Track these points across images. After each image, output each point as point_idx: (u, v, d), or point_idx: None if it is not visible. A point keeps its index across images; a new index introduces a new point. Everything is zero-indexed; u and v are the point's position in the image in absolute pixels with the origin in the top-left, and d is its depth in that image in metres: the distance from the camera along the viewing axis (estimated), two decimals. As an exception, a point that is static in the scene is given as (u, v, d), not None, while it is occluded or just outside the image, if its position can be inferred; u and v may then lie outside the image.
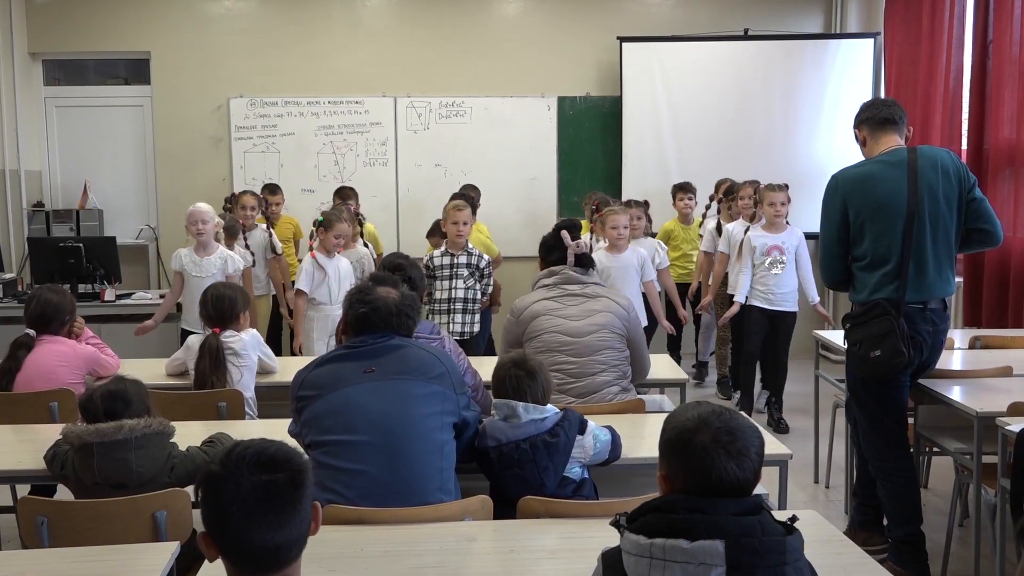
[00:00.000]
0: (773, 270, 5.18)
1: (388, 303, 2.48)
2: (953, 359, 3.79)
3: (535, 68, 7.33)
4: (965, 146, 5.59)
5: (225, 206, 5.83)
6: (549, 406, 2.55)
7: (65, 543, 2.25)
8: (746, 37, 7.19)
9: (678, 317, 5.68)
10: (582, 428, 2.50)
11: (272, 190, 6.29)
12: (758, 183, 5.65)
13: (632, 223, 5.05)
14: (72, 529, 2.30)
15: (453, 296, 4.74)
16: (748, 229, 5.36)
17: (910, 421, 3.38)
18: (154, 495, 2.34)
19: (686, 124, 7.18)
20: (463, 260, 4.78)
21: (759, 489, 1.52)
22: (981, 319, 5.27)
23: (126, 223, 7.34)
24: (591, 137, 7.39)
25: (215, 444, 2.63)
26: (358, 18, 7.32)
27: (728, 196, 5.91)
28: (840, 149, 6.36)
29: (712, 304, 5.82)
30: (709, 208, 6.24)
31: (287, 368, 3.74)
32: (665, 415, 1.59)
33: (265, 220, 5.83)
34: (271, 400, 3.56)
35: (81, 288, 5.72)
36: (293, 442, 2.11)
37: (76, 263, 5.71)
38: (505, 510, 2.32)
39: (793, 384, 5.46)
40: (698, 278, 6.04)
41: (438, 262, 4.79)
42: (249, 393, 3.50)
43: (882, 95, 6.78)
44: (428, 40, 7.30)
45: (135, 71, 7.46)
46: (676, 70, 7.16)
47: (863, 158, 3.32)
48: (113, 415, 2.44)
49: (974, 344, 4.10)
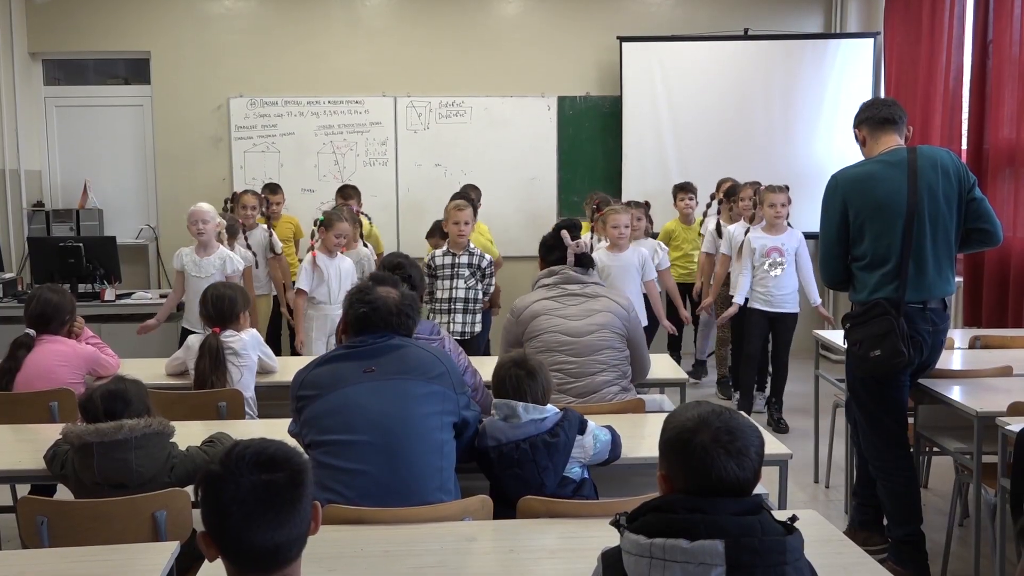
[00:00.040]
0: (772, 272, 5.18)
1: (388, 303, 2.48)
2: (953, 359, 3.79)
3: (535, 68, 7.33)
4: (965, 146, 5.59)
5: (226, 206, 5.84)
6: (549, 406, 2.55)
7: (65, 543, 2.25)
8: (746, 37, 7.19)
9: (680, 317, 5.68)
10: (582, 428, 2.50)
11: (273, 189, 6.29)
12: (759, 184, 5.65)
13: (632, 224, 5.04)
14: (72, 529, 2.30)
15: (454, 296, 4.74)
16: (748, 231, 5.36)
17: (910, 421, 3.38)
18: (154, 495, 2.34)
19: (686, 124, 7.17)
20: (464, 260, 4.78)
21: (759, 489, 1.52)
22: (981, 319, 5.27)
23: (126, 223, 7.34)
24: (591, 137, 7.39)
25: (215, 444, 2.63)
26: (358, 18, 7.32)
27: (729, 197, 5.91)
28: (840, 149, 6.36)
29: (713, 305, 5.82)
30: (710, 207, 6.24)
31: (287, 368, 3.74)
32: (665, 415, 1.59)
33: (265, 220, 5.82)
34: (271, 400, 3.56)
35: (81, 288, 5.71)
36: (293, 442, 2.11)
37: (76, 263, 5.71)
38: (505, 510, 2.32)
39: (793, 384, 5.46)
40: (700, 279, 6.04)
41: (439, 262, 4.80)
42: (249, 393, 3.51)
43: (882, 95, 6.78)
44: (428, 40, 7.30)
45: (135, 71, 7.46)
46: (676, 70, 7.16)
47: (863, 158, 3.33)
48: (113, 415, 2.44)
49: (974, 344, 4.10)
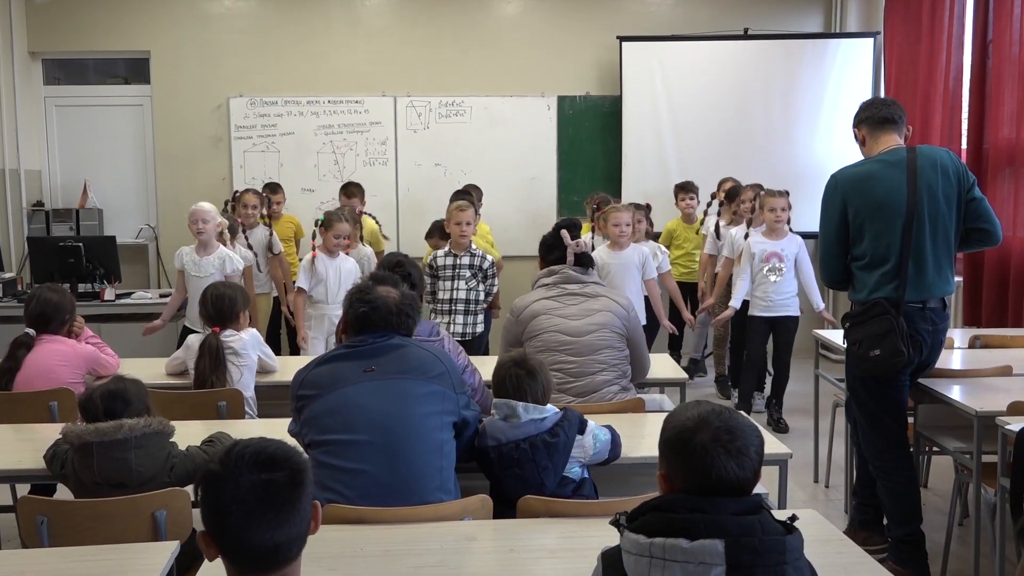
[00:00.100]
0: (771, 277, 5.18)
1: (388, 302, 2.48)
2: (953, 358, 3.79)
3: (535, 67, 7.33)
4: (965, 145, 5.59)
5: (227, 205, 5.83)
6: (549, 406, 2.55)
7: (65, 542, 2.25)
8: (746, 36, 7.19)
9: (682, 318, 5.67)
10: (582, 428, 2.50)
11: (273, 189, 6.29)
12: (761, 186, 5.65)
13: (633, 225, 5.04)
14: (72, 528, 2.29)
15: (455, 297, 4.74)
16: (747, 235, 5.35)
17: (910, 420, 3.38)
18: (154, 494, 2.34)
19: (686, 123, 7.17)
20: (466, 261, 4.78)
21: (759, 488, 1.52)
22: (981, 318, 5.27)
23: (126, 222, 7.33)
24: (591, 137, 7.38)
25: (215, 443, 2.63)
26: (358, 17, 7.32)
27: (731, 200, 5.91)
28: (840, 148, 6.36)
29: (714, 306, 5.80)
30: (710, 206, 6.24)
31: (287, 367, 3.74)
32: (665, 414, 1.59)
33: (265, 219, 5.81)
34: (271, 399, 3.56)
35: (81, 287, 5.72)
36: (293, 441, 2.11)
37: (76, 262, 5.71)
38: (505, 509, 2.32)
39: (793, 384, 5.46)
40: (702, 280, 6.04)
41: (441, 262, 4.80)
42: (249, 392, 3.51)
43: (882, 94, 6.78)
44: (428, 39, 7.30)
45: (135, 70, 7.46)
46: (676, 70, 7.15)
47: (862, 157, 3.33)
48: (113, 414, 2.44)
49: (974, 343, 4.10)
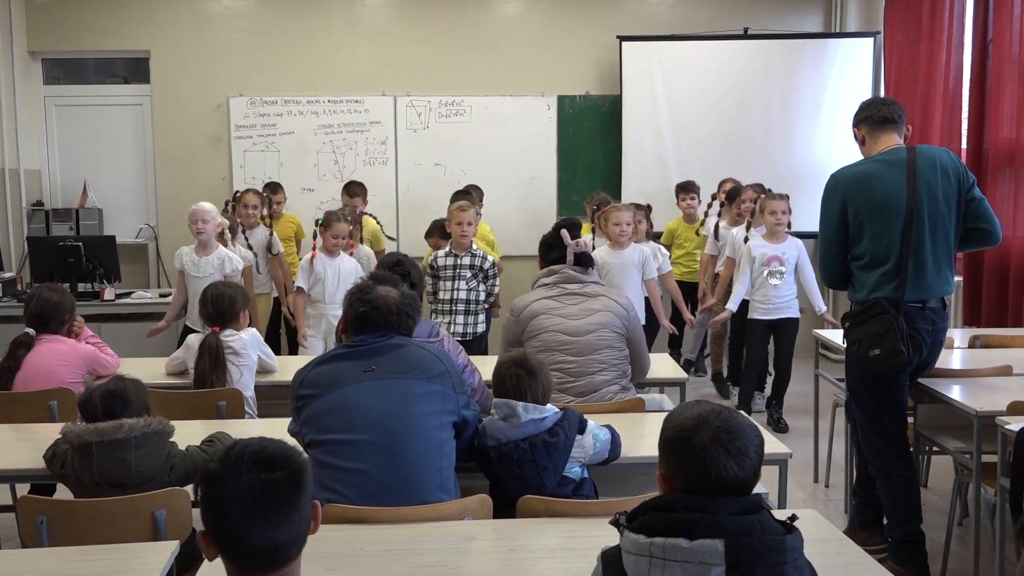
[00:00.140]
0: (771, 280, 5.18)
1: (388, 302, 2.48)
2: (953, 358, 3.78)
3: (535, 67, 7.32)
4: (965, 145, 5.59)
5: (227, 205, 5.82)
6: (549, 406, 2.55)
7: (64, 542, 2.25)
8: (746, 36, 7.19)
9: (683, 319, 5.66)
10: (582, 428, 2.50)
11: (274, 188, 6.28)
12: (762, 186, 5.65)
13: (634, 225, 5.03)
14: (71, 528, 2.29)
15: (455, 297, 4.74)
16: (747, 239, 5.35)
17: (910, 420, 3.38)
18: (153, 494, 2.34)
19: (686, 123, 7.17)
20: (466, 261, 4.78)
21: (759, 488, 1.52)
22: (981, 318, 5.27)
23: (126, 222, 7.33)
24: (591, 136, 7.38)
25: (214, 443, 2.62)
26: (357, 17, 7.31)
27: (732, 200, 5.91)
28: (840, 148, 6.35)
29: (715, 305, 5.79)
30: (711, 207, 6.23)
31: (287, 367, 3.74)
32: (664, 414, 1.59)
33: (266, 220, 5.81)
34: (271, 399, 3.56)
35: (80, 287, 5.71)
36: (292, 441, 2.11)
37: (76, 262, 5.71)
38: (505, 509, 2.32)
39: (793, 383, 5.46)
40: (703, 280, 6.04)
41: (442, 263, 4.80)
42: (249, 392, 3.51)
43: (882, 94, 6.78)
44: (428, 39, 7.30)
45: (135, 70, 7.45)
46: (676, 69, 7.15)
47: (862, 157, 3.32)
48: (112, 414, 2.44)
49: (974, 343, 4.10)
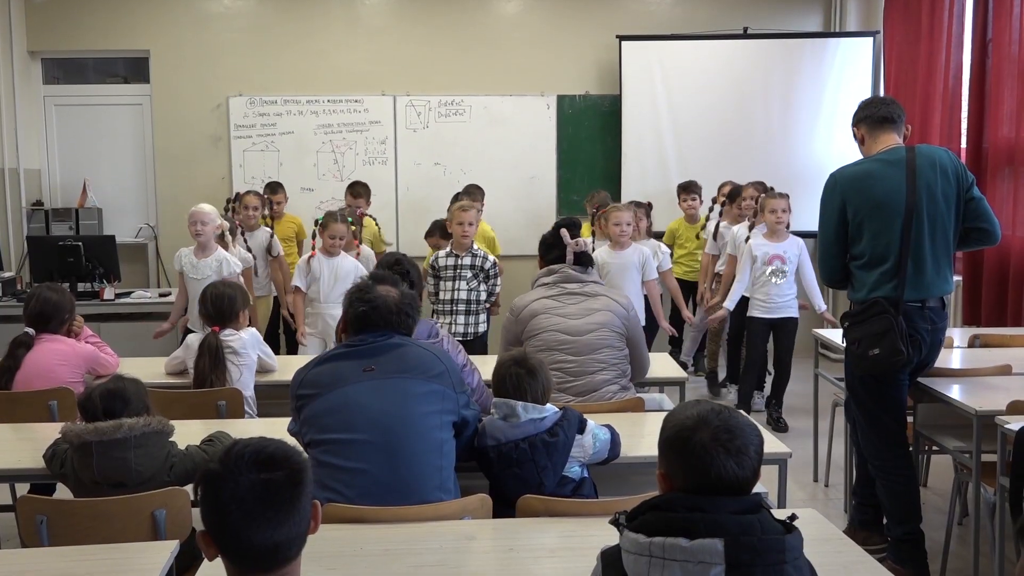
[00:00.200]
0: (774, 279, 5.19)
1: (388, 302, 2.48)
2: (952, 357, 3.78)
3: (534, 66, 7.32)
4: (964, 144, 5.59)
5: (228, 206, 5.81)
6: (548, 405, 2.55)
7: (64, 542, 2.25)
8: (745, 36, 7.19)
9: (682, 318, 5.66)
10: (581, 427, 2.50)
11: (273, 189, 6.28)
12: (763, 184, 5.65)
13: (634, 223, 5.02)
14: (71, 528, 2.29)
15: (456, 297, 4.75)
16: (748, 239, 5.35)
17: (909, 420, 3.38)
18: (153, 494, 2.34)
19: (685, 123, 7.17)
20: (467, 261, 4.78)
21: (758, 487, 1.52)
22: (980, 317, 5.27)
23: (125, 222, 7.33)
24: (590, 136, 7.38)
25: (214, 443, 2.63)
26: (357, 16, 7.31)
27: (732, 200, 5.91)
28: (839, 147, 6.35)
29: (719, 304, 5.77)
30: (712, 210, 6.22)
31: (286, 367, 3.74)
32: (664, 414, 1.59)
33: (266, 220, 5.80)
34: (270, 399, 3.56)
35: (80, 287, 5.71)
36: (292, 441, 2.12)
37: (75, 262, 5.70)
38: (504, 509, 2.32)
39: (793, 383, 5.46)
40: (703, 281, 6.04)
41: (442, 263, 4.81)
42: (248, 392, 3.51)
43: (881, 93, 6.78)
44: (427, 39, 7.29)
45: (134, 70, 7.45)
46: (675, 69, 7.15)
47: (861, 156, 3.33)
48: (112, 414, 2.44)
49: (973, 342, 4.10)
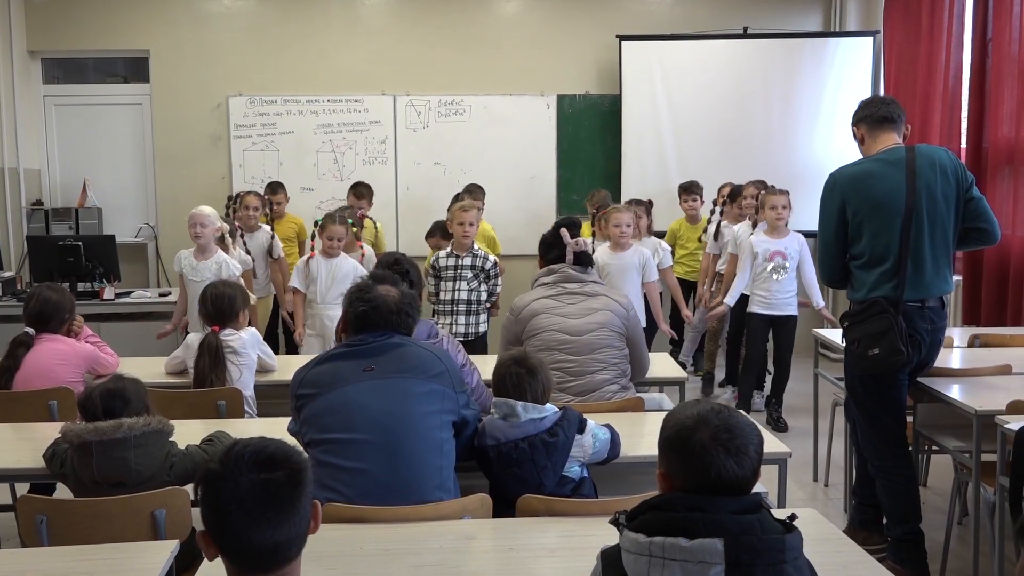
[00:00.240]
0: (775, 275, 5.19)
1: (388, 301, 2.48)
2: (952, 357, 3.79)
3: (534, 66, 7.32)
4: (964, 144, 5.59)
5: (229, 206, 5.80)
6: (548, 405, 2.55)
7: (64, 542, 2.25)
8: (745, 35, 7.19)
9: (681, 316, 5.66)
10: (581, 427, 2.50)
11: (274, 189, 6.26)
12: (763, 183, 5.65)
13: (635, 223, 5.02)
14: (71, 528, 2.30)
15: (457, 297, 4.75)
16: (752, 234, 5.34)
17: (909, 419, 3.38)
18: (153, 493, 2.34)
19: (685, 122, 7.17)
20: (467, 262, 4.78)
21: (758, 487, 1.52)
22: (980, 317, 5.27)
23: (125, 221, 7.33)
24: (590, 135, 7.38)
25: (214, 442, 2.62)
26: (357, 16, 7.31)
27: (732, 200, 5.91)
28: (839, 147, 6.35)
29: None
30: (713, 213, 6.21)
31: (286, 367, 3.74)
32: (664, 413, 1.59)
33: (266, 217, 5.79)
34: (270, 398, 3.56)
35: (80, 286, 5.71)
36: (292, 440, 2.12)
37: (75, 261, 5.70)
38: (504, 508, 2.32)
39: (793, 383, 5.46)
40: (703, 281, 6.04)
41: (443, 263, 4.81)
42: (248, 391, 3.51)
43: (881, 93, 6.78)
44: (427, 38, 7.29)
45: (134, 69, 7.45)
46: (675, 68, 7.15)
47: (861, 156, 3.33)
48: (112, 414, 2.44)
49: (973, 342, 4.10)
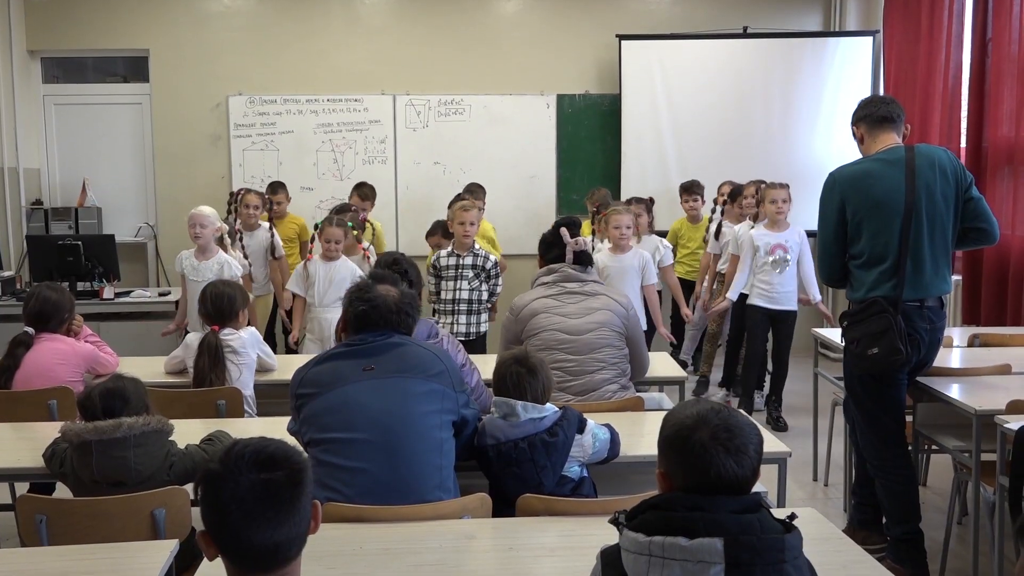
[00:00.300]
0: (776, 268, 5.19)
1: (388, 301, 2.49)
2: (952, 357, 3.79)
3: (534, 66, 7.32)
4: (964, 144, 5.59)
5: (229, 205, 5.79)
6: (548, 405, 2.55)
7: (64, 541, 2.25)
8: (745, 35, 7.19)
9: (681, 315, 5.66)
10: (581, 427, 2.50)
11: (274, 189, 6.24)
12: (763, 182, 5.64)
13: (634, 222, 5.01)
14: (71, 527, 2.30)
15: (457, 297, 4.75)
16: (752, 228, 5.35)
17: (908, 419, 3.38)
18: (153, 493, 2.34)
19: (685, 122, 7.17)
20: (468, 261, 4.78)
21: (758, 487, 1.52)
22: (980, 317, 5.27)
23: (125, 221, 7.33)
24: (590, 135, 7.38)
25: (214, 442, 2.63)
26: (357, 16, 7.31)
27: (733, 199, 5.91)
28: (839, 147, 6.35)
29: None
30: (714, 211, 6.22)
31: (286, 366, 3.74)
32: (664, 413, 1.59)
33: (264, 216, 5.79)
34: (270, 398, 3.56)
35: (80, 286, 5.71)
36: (292, 440, 2.12)
37: (75, 261, 5.70)
38: (504, 508, 2.32)
39: (792, 382, 5.46)
40: (702, 280, 6.04)
41: (444, 262, 4.81)
42: (248, 391, 3.51)
43: (881, 93, 6.78)
44: (427, 38, 7.29)
45: (134, 69, 7.45)
46: (675, 68, 7.15)
47: (861, 156, 3.33)
48: (112, 413, 2.44)
49: (973, 342, 4.10)
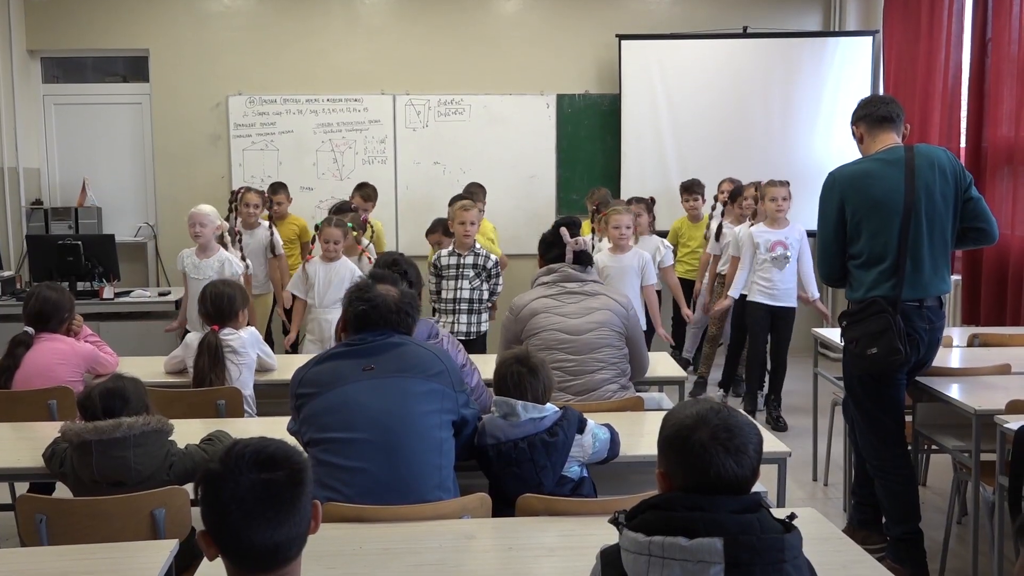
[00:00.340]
0: (777, 266, 5.19)
1: (388, 301, 2.49)
2: (951, 357, 3.79)
3: (534, 66, 7.32)
4: (963, 144, 5.59)
5: (230, 204, 5.79)
6: (548, 404, 2.55)
7: (64, 541, 2.25)
8: (745, 35, 7.19)
9: (682, 315, 5.66)
10: (581, 427, 2.50)
11: (275, 189, 6.23)
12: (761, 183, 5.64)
13: (634, 222, 5.01)
14: (71, 527, 2.30)
15: (458, 296, 4.75)
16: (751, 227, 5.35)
17: (908, 419, 3.38)
18: (152, 493, 2.34)
19: (685, 122, 7.17)
20: (469, 261, 4.78)
21: (758, 487, 1.52)
22: (979, 317, 5.27)
23: (125, 221, 7.33)
24: (590, 135, 7.38)
25: (214, 442, 2.63)
26: (357, 15, 7.31)
27: (733, 200, 5.91)
28: (839, 146, 6.35)
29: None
30: (715, 209, 6.22)
31: (286, 366, 3.74)
32: (664, 413, 1.59)
33: (268, 218, 5.79)
34: (270, 398, 3.56)
35: (80, 286, 5.70)
36: (292, 440, 2.12)
37: (75, 261, 5.70)
38: (504, 508, 2.32)
39: (792, 382, 5.46)
40: (701, 279, 6.04)
41: (445, 262, 4.81)
42: (248, 391, 3.51)
43: (881, 92, 6.78)
44: (427, 38, 7.29)
45: (134, 69, 7.45)
46: (675, 68, 7.15)
47: (860, 155, 3.33)
48: (111, 413, 2.44)
49: (972, 342, 4.10)
